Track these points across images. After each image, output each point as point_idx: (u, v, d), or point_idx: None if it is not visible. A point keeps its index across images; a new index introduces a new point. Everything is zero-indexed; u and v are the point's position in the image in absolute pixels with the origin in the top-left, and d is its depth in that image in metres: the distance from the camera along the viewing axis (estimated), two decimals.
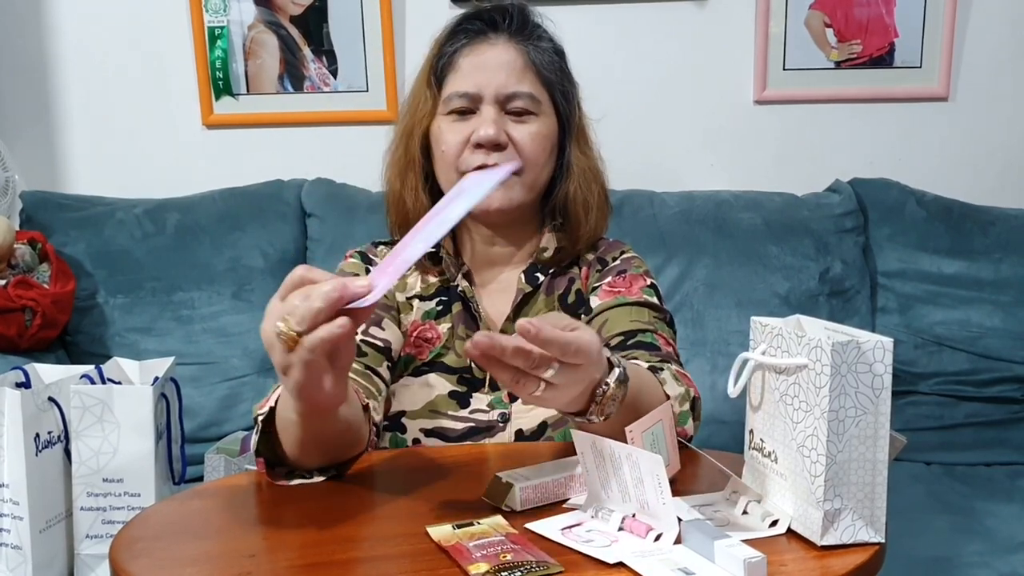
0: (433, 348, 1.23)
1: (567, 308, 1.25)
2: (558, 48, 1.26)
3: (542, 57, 1.22)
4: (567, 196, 1.25)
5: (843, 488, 0.76)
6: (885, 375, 0.75)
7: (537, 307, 1.25)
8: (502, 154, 1.18)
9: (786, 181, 2.30)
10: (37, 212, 2.17)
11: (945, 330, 2.11)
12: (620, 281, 1.25)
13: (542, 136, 1.22)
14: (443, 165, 1.21)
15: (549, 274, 1.27)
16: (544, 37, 1.25)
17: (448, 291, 1.26)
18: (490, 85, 1.19)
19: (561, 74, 1.25)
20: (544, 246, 1.26)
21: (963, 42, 2.32)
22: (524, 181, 1.21)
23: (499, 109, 1.19)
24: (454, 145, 1.19)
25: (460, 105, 1.20)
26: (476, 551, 0.76)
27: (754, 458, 0.86)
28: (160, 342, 2.06)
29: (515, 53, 1.21)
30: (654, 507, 0.79)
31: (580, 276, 1.28)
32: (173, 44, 2.33)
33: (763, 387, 0.83)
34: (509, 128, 1.19)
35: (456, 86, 1.20)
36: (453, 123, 1.20)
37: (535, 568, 0.73)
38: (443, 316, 1.24)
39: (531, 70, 1.21)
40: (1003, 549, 1.62)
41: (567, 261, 1.28)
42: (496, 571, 0.73)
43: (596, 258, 1.30)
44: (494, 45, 1.21)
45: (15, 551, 1.21)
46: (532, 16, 1.25)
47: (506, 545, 0.77)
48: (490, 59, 1.20)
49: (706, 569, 0.73)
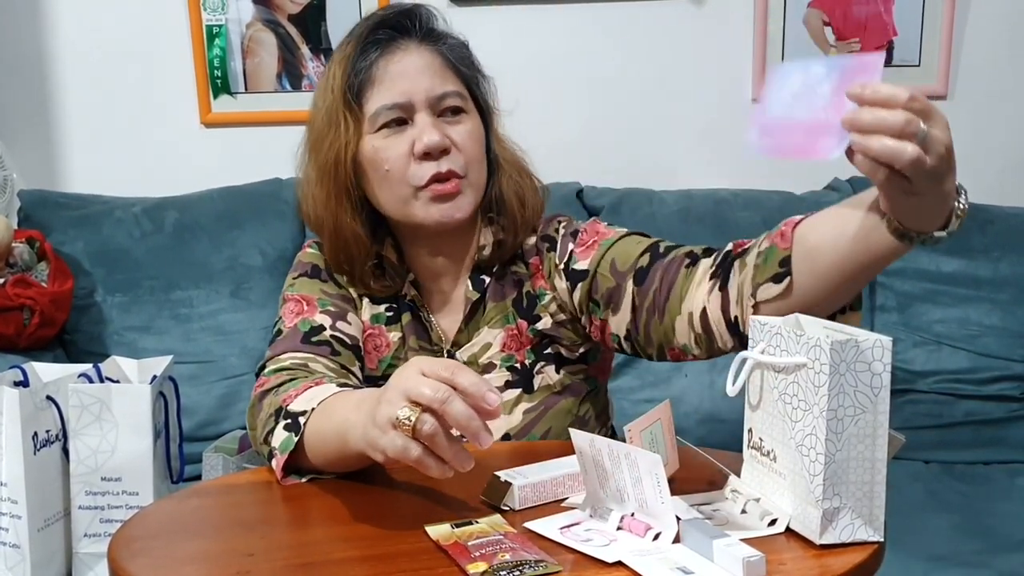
0: (382, 356, 1.20)
1: (523, 312, 1.20)
2: (464, 42, 1.21)
3: (455, 54, 1.18)
4: (501, 191, 1.20)
5: (842, 487, 0.76)
6: (884, 374, 0.75)
7: (488, 315, 1.21)
8: (450, 157, 1.13)
9: (785, 179, 2.30)
10: (35, 211, 2.16)
11: (944, 328, 2.11)
12: (585, 237, 1.18)
13: (476, 133, 1.17)
14: (389, 185, 1.14)
15: (493, 274, 1.21)
16: (449, 33, 1.20)
17: (397, 299, 1.22)
18: (418, 91, 1.13)
19: (475, 68, 1.21)
20: (482, 243, 1.20)
21: (962, 41, 2.32)
22: (472, 183, 1.16)
23: (432, 113, 1.14)
24: (397, 160, 1.13)
25: (391, 117, 1.13)
26: (474, 550, 0.76)
27: (753, 457, 0.86)
28: (158, 341, 2.05)
29: (431, 54, 1.16)
30: (653, 506, 0.79)
31: (529, 270, 1.21)
32: (171, 42, 2.32)
33: (762, 386, 0.83)
34: (447, 130, 1.14)
35: (382, 99, 1.13)
36: (387, 139, 1.14)
37: (533, 567, 0.73)
38: (393, 324, 1.21)
39: (450, 68, 1.17)
40: (1002, 548, 1.62)
41: (508, 256, 1.21)
42: (494, 570, 0.73)
43: (540, 238, 1.22)
44: (408, 51, 1.15)
45: (13, 550, 1.21)
46: (435, 15, 1.20)
47: (504, 544, 0.77)
48: (409, 66, 1.14)
49: (705, 568, 0.73)
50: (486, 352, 1.20)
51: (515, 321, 1.20)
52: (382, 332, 1.21)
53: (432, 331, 1.21)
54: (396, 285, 1.21)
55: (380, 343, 1.21)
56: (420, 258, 1.22)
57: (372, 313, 1.21)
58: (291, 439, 0.97)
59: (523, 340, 1.20)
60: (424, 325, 1.21)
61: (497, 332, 1.20)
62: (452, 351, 1.20)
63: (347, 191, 1.16)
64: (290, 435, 0.97)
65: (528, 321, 1.20)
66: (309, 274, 1.23)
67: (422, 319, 1.21)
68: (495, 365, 1.20)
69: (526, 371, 1.20)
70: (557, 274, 1.19)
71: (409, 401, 0.80)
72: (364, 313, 1.21)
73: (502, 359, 1.20)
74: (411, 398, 0.80)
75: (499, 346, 1.20)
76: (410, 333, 1.21)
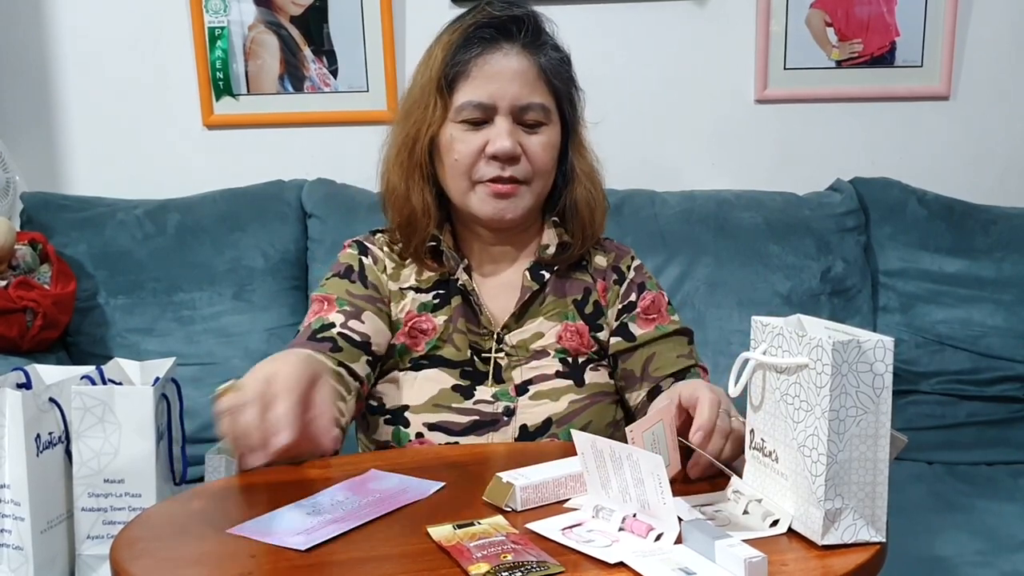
0: (428, 339, 1.24)
1: (586, 317, 1.27)
2: (565, 56, 1.27)
3: (552, 66, 1.23)
4: (575, 201, 1.27)
5: (844, 488, 0.76)
6: (886, 374, 0.75)
7: (546, 307, 1.26)
8: (516, 166, 1.20)
9: (787, 180, 2.30)
10: (38, 213, 2.17)
11: (947, 329, 2.11)
12: (649, 305, 1.29)
13: (551, 146, 1.23)
14: (454, 173, 1.22)
15: (554, 272, 1.28)
16: (553, 45, 1.25)
17: (447, 284, 1.27)
18: (505, 96, 1.19)
19: (569, 82, 1.27)
20: (546, 243, 1.27)
21: (964, 41, 2.32)
22: (533, 190, 1.23)
23: (512, 120, 1.20)
24: (467, 155, 1.20)
25: (473, 115, 1.20)
26: (477, 551, 0.76)
27: (755, 457, 0.86)
28: (161, 343, 2.06)
29: (528, 63, 1.21)
30: (655, 507, 0.79)
31: (596, 288, 1.29)
32: (173, 45, 2.33)
33: (764, 387, 0.83)
34: (522, 139, 1.20)
35: (469, 95, 1.19)
36: (465, 132, 1.20)
37: (536, 568, 0.73)
38: (440, 309, 1.25)
39: (543, 80, 1.22)
40: (1005, 548, 1.61)
41: (571, 260, 1.29)
42: (497, 571, 0.73)
43: (611, 267, 1.31)
44: (507, 55, 1.20)
45: (16, 552, 1.21)
46: (543, 24, 1.25)
47: (507, 545, 0.77)
48: (504, 69, 1.20)
49: (707, 569, 0.73)
50: (538, 340, 1.25)
51: (575, 320, 1.27)
52: (428, 318, 1.25)
53: (482, 315, 1.25)
54: (449, 267, 1.26)
55: (427, 327, 1.25)
56: (477, 245, 1.29)
57: (419, 303, 1.26)
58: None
59: (583, 341, 1.26)
60: (473, 309, 1.25)
61: (553, 325, 1.26)
62: (502, 334, 1.25)
63: (420, 167, 1.24)
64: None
65: (590, 327, 1.27)
66: (341, 274, 1.28)
67: (472, 303, 1.25)
68: (548, 353, 1.25)
69: (578, 367, 1.25)
70: (613, 309, 1.29)
71: None
72: (410, 304, 1.26)
73: (556, 350, 1.25)
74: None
75: (554, 338, 1.25)
76: (459, 316, 1.25)
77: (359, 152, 2.35)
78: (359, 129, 2.35)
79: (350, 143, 2.34)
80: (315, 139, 2.37)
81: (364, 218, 2.15)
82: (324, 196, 2.22)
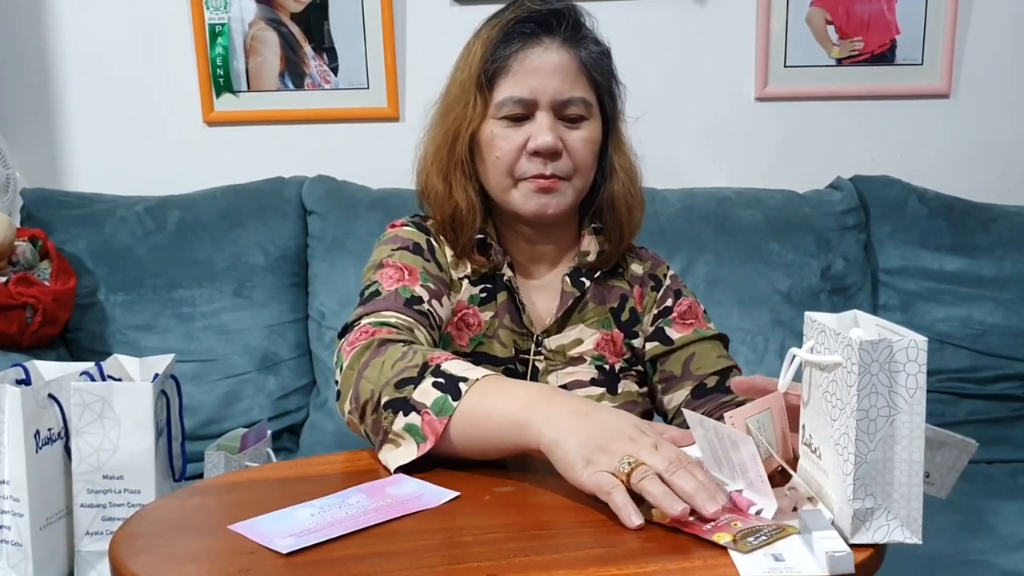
0: (472, 335, 1.23)
1: (622, 325, 1.26)
2: (606, 50, 1.25)
3: (593, 60, 1.21)
4: (612, 196, 1.25)
5: (876, 488, 0.75)
6: (919, 374, 0.73)
7: (587, 314, 1.26)
8: (558, 163, 1.18)
9: (787, 178, 2.30)
10: (38, 209, 2.17)
11: (947, 327, 2.11)
12: (686, 311, 1.29)
13: (592, 141, 1.22)
14: (496, 171, 1.20)
15: (594, 279, 1.27)
16: (593, 38, 1.23)
17: (493, 279, 1.25)
18: (546, 91, 1.17)
19: (610, 76, 1.25)
20: (585, 249, 1.26)
21: (965, 39, 2.31)
22: (575, 185, 1.21)
23: (554, 115, 1.18)
24: (509, 152, 1.18)
25: (514, 111, 1.18)
26: (703, 524, 0.77)
27: (805, 453, 0.86)
28: (161, 339, 2.06)
29: (569, 57, 1.19)
30: (757, 486, 0.81)
31: (633, 294, 1.29)
32: (174, 41, 2.33)
33: (811, 383, 0.83)
34: (563, 134, 1.19)
35: (510, 91, 1.18)
36: (506, 128, 1.19)
37: (777, 531, 0.75)
38: (487, 304, 1.24)
39: (584, 74, 1.20)
40: (1005, 546, 1.62)
41: (610, 265, 1.28)
42: (743, 536, 0.74)
43: (647, 275, 1.31)
44: (548, 49, 1.18)
45: (15, 548, 1.21)
46: (583, 18, 1.23)
47: (726, 516, 0.79)
48: (545, 64, 1.17)
49: (796, 556, 0.73)
50: (577, 346, 1.24)
51: (611, 328, 1.26)
52: (475, 312, 1.24)
53: (524, 314, 1.24)
54: (496, 262, 1.24)
55: (472, 322, 1.23)
56: (518, 243, 1.27)
57: (469, 294, 1.24)
58: (448, 403, 0.94)
59: (617, 349, 1.25)
60: (517, 307, 1.24)
61: (593, 332, 1.25)
62: (542, 337, 1.24)
63: (461, 164, 1.22)
64: (446, 397, 0.94)
65: (626, 335, 1.26)
66: (412, 250, 1.23)
67: (516, 300, 1.24)
68: (585, 360, 1.24)
69: (613, 374, 1.25)
70: (649, 315, 1.29)
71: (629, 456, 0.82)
72: (463, 294, 1.24)
73: (593, 357, 1.24)
74: (637, 460, 0.81)
75: (592, 345, 1.25)
76: (503, 313, 1.24)
77: (359, 149, 2.36)
78: (359, 126, 2.35)
79: (350, 140, 2.34)
80: (315, 136, 2.37)
81: (364, 215, 2.15)
82: (324, 193, 2.22)
